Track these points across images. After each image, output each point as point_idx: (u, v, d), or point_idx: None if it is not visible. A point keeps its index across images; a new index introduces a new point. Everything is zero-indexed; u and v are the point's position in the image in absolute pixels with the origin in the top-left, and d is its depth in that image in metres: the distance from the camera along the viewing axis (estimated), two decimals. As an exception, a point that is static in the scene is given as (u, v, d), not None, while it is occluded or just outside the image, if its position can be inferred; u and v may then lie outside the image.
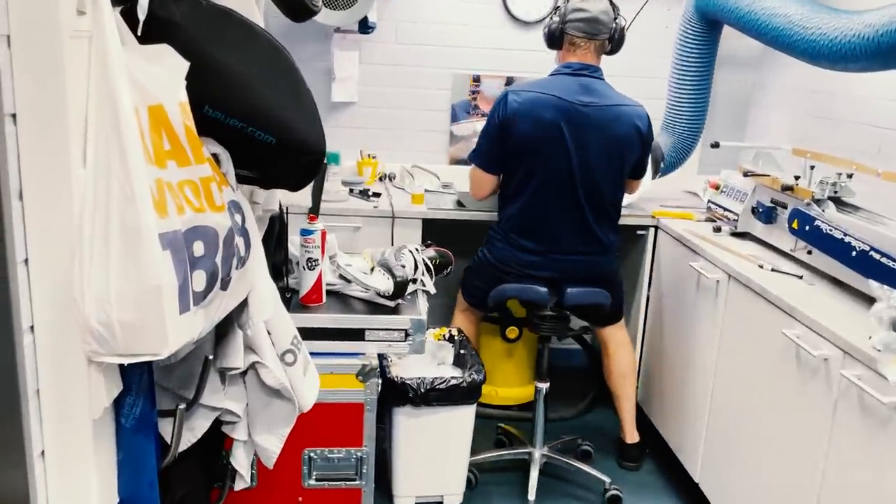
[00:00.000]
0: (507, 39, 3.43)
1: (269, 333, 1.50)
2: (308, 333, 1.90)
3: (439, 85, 3.45)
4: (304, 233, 1.95)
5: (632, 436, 2.91)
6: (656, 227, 3.02)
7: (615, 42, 2.55)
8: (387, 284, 1.95)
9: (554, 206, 2.54)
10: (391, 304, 1.99)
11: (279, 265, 1.80)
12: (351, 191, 3.10)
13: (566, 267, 2.60)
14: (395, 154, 3.49)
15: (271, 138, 1.28)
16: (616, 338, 2.86)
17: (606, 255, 2.64)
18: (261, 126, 1.26)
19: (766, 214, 2.51)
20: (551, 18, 2.59)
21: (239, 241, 1.21)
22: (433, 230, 3.03)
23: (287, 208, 1.78)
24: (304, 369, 1.58)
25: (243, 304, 1.35)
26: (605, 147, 2.49)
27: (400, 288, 1.95)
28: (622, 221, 2.97)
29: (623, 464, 2.91)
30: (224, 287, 1.17)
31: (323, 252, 1.97)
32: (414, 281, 2.14)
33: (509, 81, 3.45)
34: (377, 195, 3.05)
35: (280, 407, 1.57)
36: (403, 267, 2.01)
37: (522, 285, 2.60)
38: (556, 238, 2.57)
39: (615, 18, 2.54)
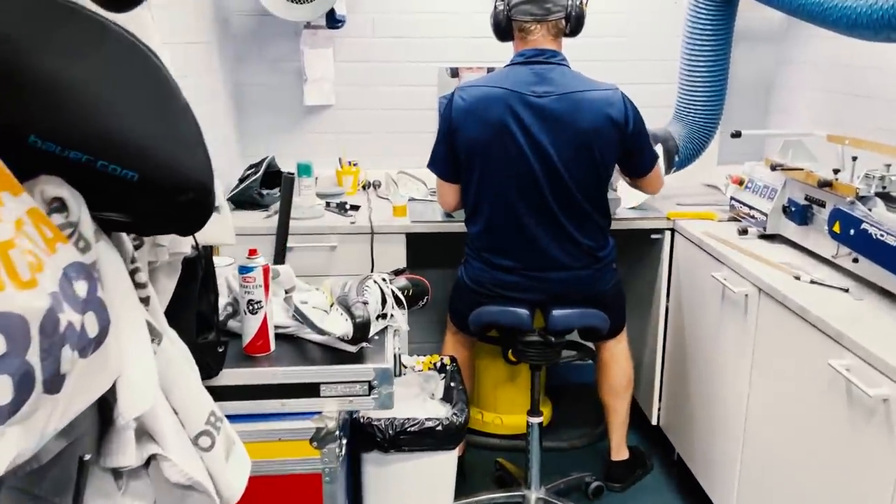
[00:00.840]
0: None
1: (176, 413, 1.19)
2: (250, 391, 1.59)
3: (425, 80, 3.11)
4: (242, 270, 1.62)
5: (618, 452, 2.62)
6: (672, 231, 2.66)
7: (573, 20, 2.19)
8: (345, 327, 1.63)
9: (523, 216, 2.20)
10: (352, 349, 1.67)
11: (206, 315, 1.48)
12: (328, 204, 2.77)
13: (551, 286, 2.26)
14: (378, 160, 3.16)
15: (132, 173, 0.95)
16: (612, 350, 2.53)
17: (598, 268, 2.29)
18: (114, 158, 0.94)
19: (799, 214, 2.14)
20: (495, 7, 2.23)
21: (82, 319, 0.89)
22: (419, 245, 2.70)
23: (212, 248, 1.47)
24: (227, 453, 1.25)
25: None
26: (569, 142, 2.14)
27: (361, 330, 1.62)
28: (633, 225, 2.63)
29: (608, 484, 2.59)
30: (54, 388, 0.84)
31: (267, 291, 1.65)
32: (384, 316, 1.81)
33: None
34: (355, 208, 2.72)
35: (198, 502, 1.25)
36: (366, 304, 1.68)
37: (501, 308, 2.27)
38: (535, 253, 2.23)
39: None
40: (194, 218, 1.07)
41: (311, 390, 1.60)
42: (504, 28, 2.22)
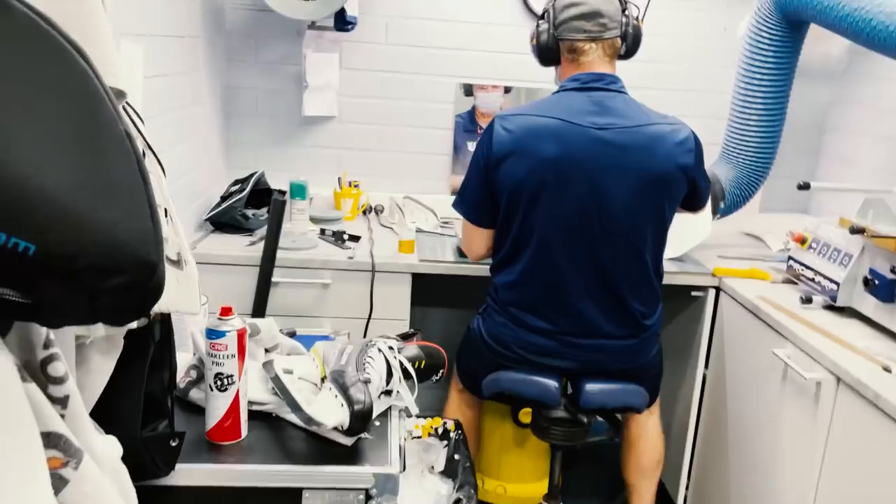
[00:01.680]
0: (525, 41, 2.72)
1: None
2: (211, 497, 1.22)
3: (441, 96, 2.76)
4: (211, 335, 1.26)
5: None
6: (717, 289, 2.31)
7: (630, 40, 1.85)
8: (339, 416, 1.26)
9: (567, 271, 1.83)
10: (347, 441, 1.30)
11: (157, 398, 1.12)
12: (322, 232, 2.41)
13: (587, 355, 1.89)
14: (383, 182, 2.80)
15: (25, 244, 0.59)
16: (642, 424, 2.17)
17: (645, 338, 1.92)
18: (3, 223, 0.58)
19: (885, 290, 1.80)
20: (538, 26, 1.89)
21: None
22: (427, 286, 2.34)
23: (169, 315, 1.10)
24: None
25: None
26: (634, 186, 1.78)
27: (360, 420, 1.26)
28: (673, 280, 2.29)
29: None
30: None
31: (242, 362, 1.28)
32: (388, 393, 1.44)
33: (508, 91, 2.76)
34: (355, 239, 2.36)
35: None
36: (367, 383, 1.32)
37: (525, 376, 1.90)
38: (574, 315, 1.86)
39: (624, 9, 1.85)
40: (129, 308, 0.70)
41: (290, 497, 1.24)
42: (550, 50, 1.86)
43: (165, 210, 1.02)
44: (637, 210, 1.80)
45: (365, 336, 2.23)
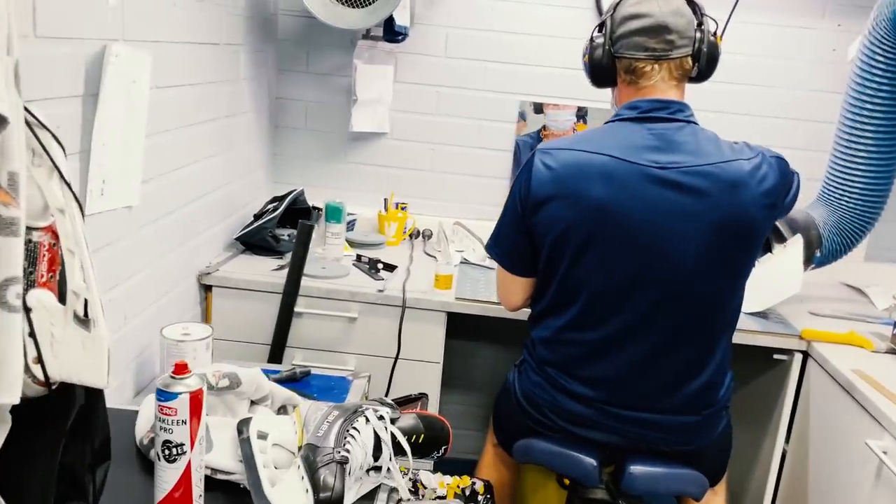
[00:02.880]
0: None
1: None
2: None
3: (501, 115, 2.52)
4: (161, 396, 1.07)
5: None
6: (805, 354, 1.97)
7: (704, 59, 1.53)
8: (301, 502, 1.05)
9: (620, 333, 1.52)
10: (314, 533, 1.09)
11: (75, 472, 0.93)
12: (358, 258, 2.21)
13: (634, 430, 1.58)
14: (433, 205, 2.59)
15: None
16: None
17: (709, 414, 1.58)
18: None
19: None
20: (592, 39, 1.59)
21: None
22: (469, 318, 2.10)
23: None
24: None
25: None
26: (708, 235, 1.46)
27: (326, 510, 1.04)
28: (752, 340, 1.97)
29: None
30: None
31: (196, 427, 1.08)
32: (377, 469, 1.22)
33: (582, 113, 2.48)
34: (390, 269, 2.15)
35: None
36: (343, 464, 1.10)
37: (560, 449, 1.61)
38: (624, 384, 1.55)
39: (699, 23, 1.53)
40: None
41: None
42: (605, 69, 1.57)
43: (81, 260, 0.84)
44: (711, 265, 1.48)
45: (390, 380, 2.02)
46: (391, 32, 2.23)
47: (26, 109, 0.80)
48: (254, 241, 2.17)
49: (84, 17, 1.31)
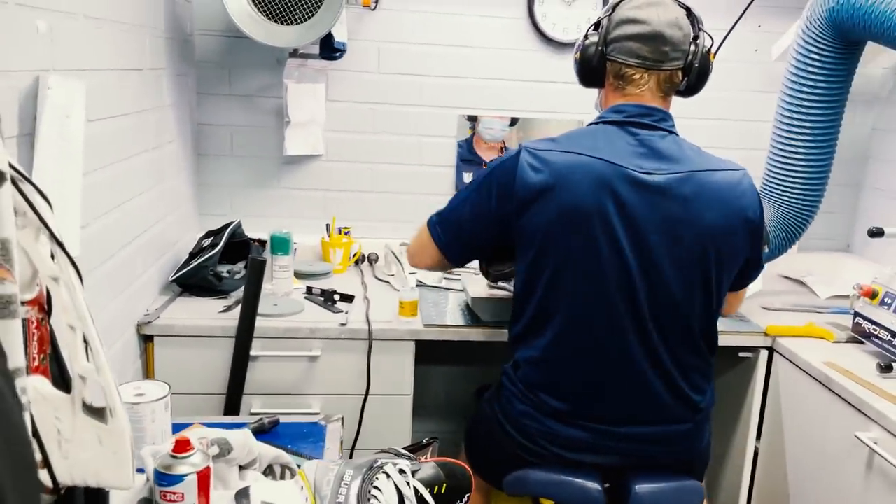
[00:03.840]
0: (537, 68, 2.42)
1: None
2: None
3: (441, 129, 2.44)
4: (162, 480, 0.92)
5: None
6: (771, 350, 1.99)
7: (694, 75, 1.51)
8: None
9: (606, 344, 1.48)
10: None
11: None
12: (309, 291, 2.07)
13: (631, 447, 1.54)
14: (377, 227, 2.48)
15: None
16: None
17: (699, 420, 1.57)
18: None
19: None
20: (586, 37, 1.56)
21: None
22: (435, 351, 2.01)
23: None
24: None
25: None
26: (690, 245, 1.45)
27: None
28: (721, 341, 1.95)
29: None
30: None
31: (206, 513, 0.94)
32: (398, 529, 1.11)
33: (513, 123, 2.44)
34: (348, 299, 2.02)
35: None
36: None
37: (560, 478, 1.54)
38: (614, 400, 1.51)
39: (695, 37, 1.51)
40: None
41: None
42: (595, 69, 1.53)
43: (84, 337, 0.69)
44: (691, 272, 1.47)
45: (361, 415, 1.89)
46: (329, 49, 2.11)
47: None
48: (193, 282, 1.99)
49: (12, 45, 1.13)
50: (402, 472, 1.12)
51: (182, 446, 0.94)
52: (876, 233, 1.77)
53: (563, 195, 1.42)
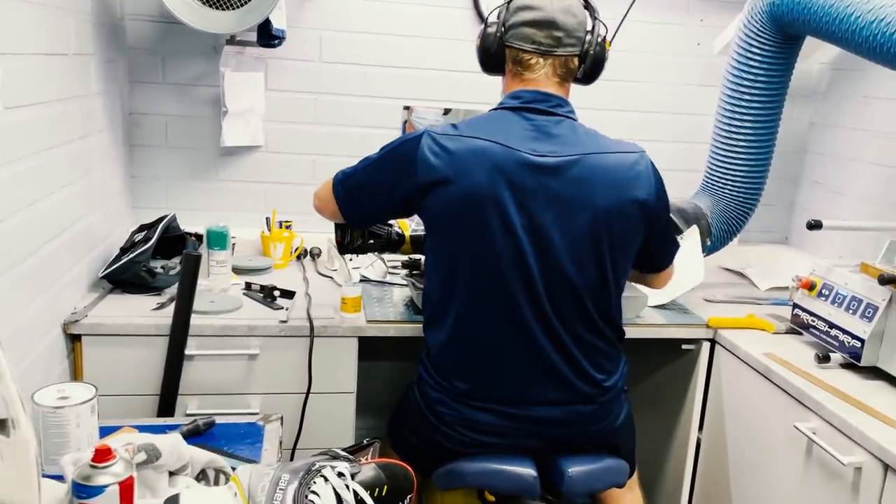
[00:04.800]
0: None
1: None
2: None
3: (385, 121, 2.39)
4: (80, 493, 0.85)
5: None
6: (713, 342, 2.01)
7: (589, 62, 1.55)
8: None
9: (505, 325, 1.51)
10: None
11: None
12: (248, 287, 2.00)
13: (545, 430, 1.56)
14: (319, 221, 2.40)
15: None
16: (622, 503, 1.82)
17: (605, 401, 1.58)
18: None
19: (927, 351, 1.52)
20: (486, 25, 1.58)
21: None
22: (379, 348, 1.96)
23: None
24: None
25: None
26: (582, 226, 1.48)
27: None
28: (661, 333, 1.98)
29: None
30: None
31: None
32: (338, 533, 1.06)
33: (446, 112, 2.41)
34: (288, 295, 1.96)
35: None
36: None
37: (494, 466, 1.55)
38: (518, 381, 1.53)
39: (590, 28, 1.55)
40: None
41: None
42: (494, 55, 1.56)
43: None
44: (586, 253, 1.49)
45: (303, 414, 1.83)
46: (267, 37, 2.04)
47: None
48: (124, 278, 1.90)
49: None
50: (340, 474, 1.08)
51: (102, 455, 0.88)
52: (814, 225, 1.80)
53: (461, 182, 1.46)
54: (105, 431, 1.47)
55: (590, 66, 1.55)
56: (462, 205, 1.47)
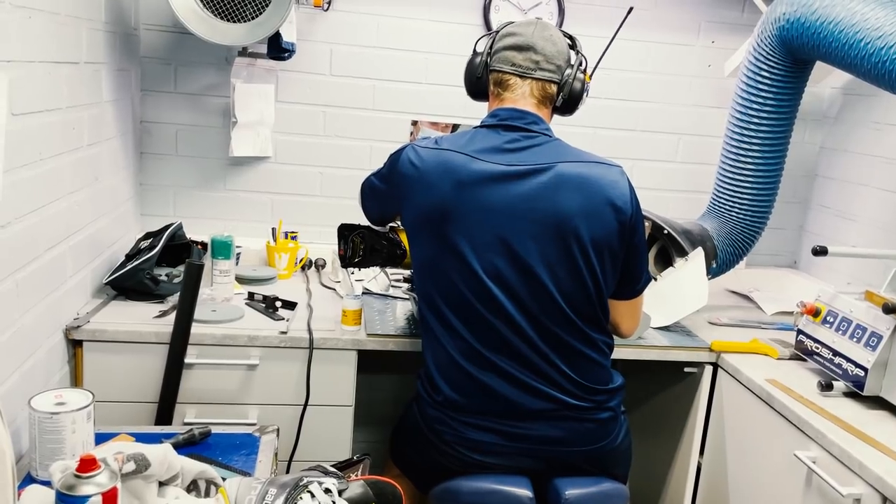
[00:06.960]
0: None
1: None
2: None
3: (393, 135, 2.40)
4: (64, 502, 0.86)
5: None
6: (715, 366, 1.99)
7: (566, 93, 1.59)
8: None
9: (487, 337, 1.53)
10: None
11: None
12: (251, 297, 2.01)
13: (543, 449, 1.56)
14: (325, 233, 2.42)
15: None
16: None
17: (606, 419, 1.58)
18: None
19: (930, 382, 1.50)
20: (474, 51, 1.66)
21: None
22: (382, 361, 1.96)
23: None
24: None
25: None
26: (549, 232, 1.49)
27: None
28: (664, 356, 1.96)
29: None
30: None
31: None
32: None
33: (454, 129, 2.42)
34: (290, 306, 1.97)
35: None
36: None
37: (489, 486, 1.55)
38: (510, 392, 1.54)
39: (570, 60, 1.59)
40: None
41: None
42: (479, 79, 1.63)
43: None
44: (556, 256, 1.49)
45: (300, 426, 1.83)
46: (277, 49, 2.06)
47: None
48: (128, 285, 1.91)
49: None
50: (328, 490, 1.07)
51: (87, 465, 0.88)
52: (820, 251, 1.78)
53: (426, 193, 1.52)
54: (102, 438, 1.48)
55: (567, 95, 1.59)
56: (428, 216, 1.52)
